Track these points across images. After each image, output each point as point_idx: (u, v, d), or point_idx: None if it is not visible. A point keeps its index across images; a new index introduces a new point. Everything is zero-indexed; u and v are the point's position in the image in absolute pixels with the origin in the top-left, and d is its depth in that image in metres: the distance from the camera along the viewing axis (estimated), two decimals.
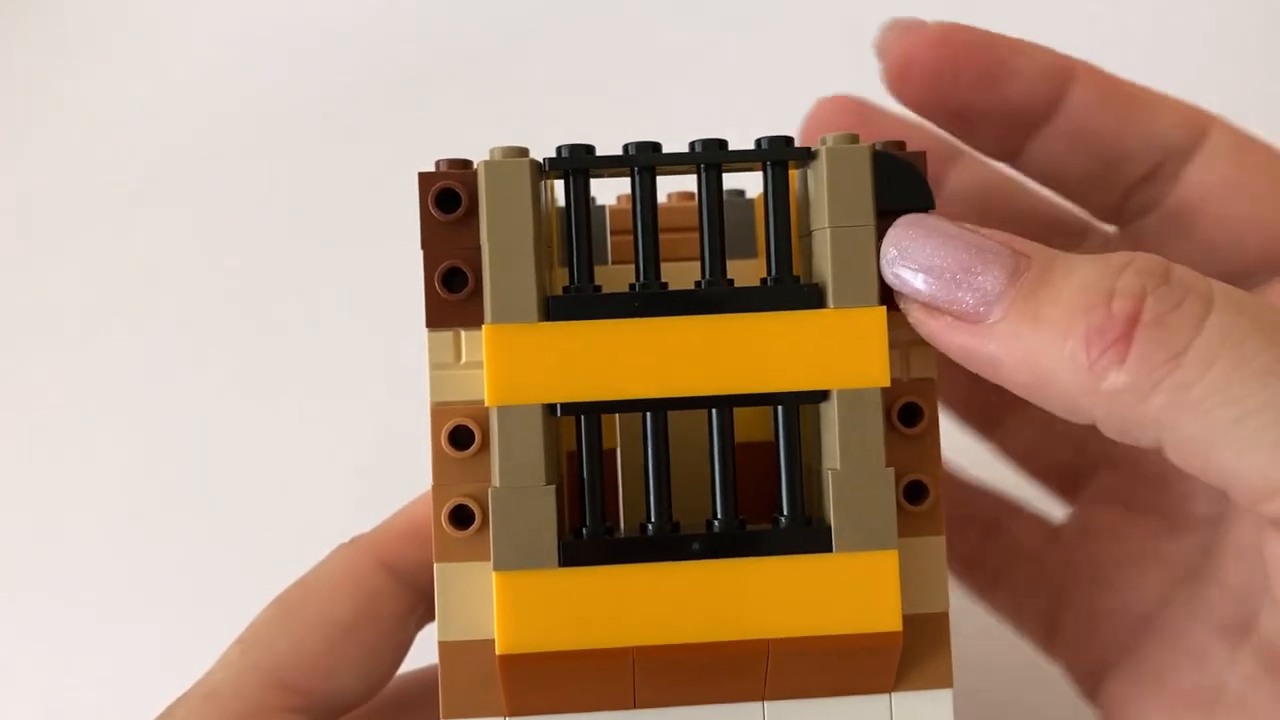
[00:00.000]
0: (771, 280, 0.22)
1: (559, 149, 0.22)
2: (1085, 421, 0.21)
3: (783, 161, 0.23)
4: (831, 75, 0.29)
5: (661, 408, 0.22)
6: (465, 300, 0.22)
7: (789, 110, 0.28)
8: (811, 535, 0.22)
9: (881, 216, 0.22)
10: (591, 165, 0.22)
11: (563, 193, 0.23)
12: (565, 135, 0.23)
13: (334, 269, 0.43)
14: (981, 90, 0.25)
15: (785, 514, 0.22)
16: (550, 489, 0.22)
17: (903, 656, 0.22)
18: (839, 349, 0.22)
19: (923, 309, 0.22)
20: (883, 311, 0.22)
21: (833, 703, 0.23)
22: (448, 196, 0.22)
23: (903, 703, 0.23)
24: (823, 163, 0.22)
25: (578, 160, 0.22)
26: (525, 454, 0.21)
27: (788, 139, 0.23)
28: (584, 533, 0.22)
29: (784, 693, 0.22)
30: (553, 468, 0.22)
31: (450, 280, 0.22)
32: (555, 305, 0.22)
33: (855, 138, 0.22)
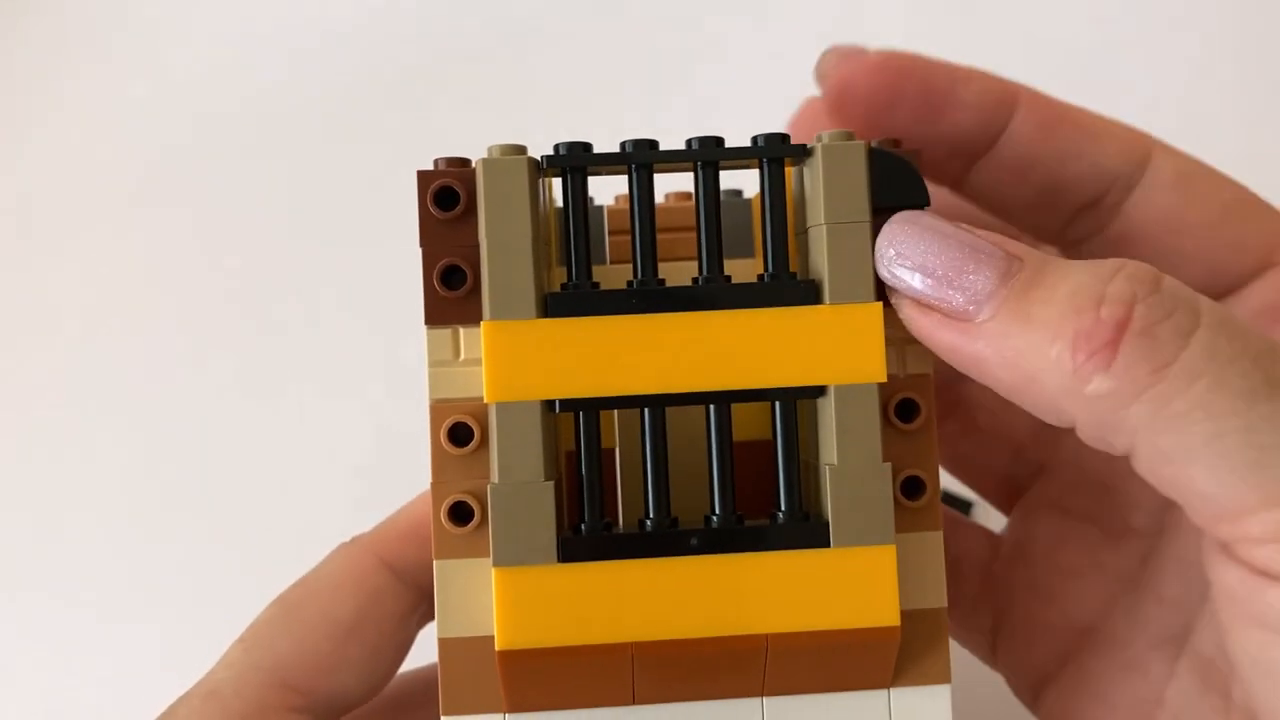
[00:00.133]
0: (768, 276, 0.22)
1: (556, 147, 0.22)
2: (1066, 424, 0.21)
3: (779, 158, 0.23)
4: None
5: (659, 404, 0.22)
6: (464, 297, 0.22)
7: (788, 110, 0.28)
8: (809, 531, 0.22)
9: (877, 213, 0.22)
10: (589, 162, 0.22)
11: (560, 192, 0.23)
12: (564, 135, 0.23)
13: (334, 269, 0.43)
14: (921, 118, 0.25)
15: (783, 509, 0.22)
16: (549, 485, 0.22)
17: (901, 652, 0.22)
18: (835, 345, 0.22)
19: (914, 305, 0.22)
20: (879, 307, 0.22)
21: (831, 698, 0.23)
22: (446, 194, 0.22)
23: (901, 698, 0.23)
24: (818, 159, 0.22)
25: (575, 158, 0.22)
26: (524, 450, 0.22)
27: (784, 136, 0.23)
28: (583, 529, 0.22)
29: (782, 688, 0.22)
30: (551, 464, 0.22)
31: (449, 278, 0.22)
32: (553, 302, 0.22)
33: (850, 135, 0.22)
